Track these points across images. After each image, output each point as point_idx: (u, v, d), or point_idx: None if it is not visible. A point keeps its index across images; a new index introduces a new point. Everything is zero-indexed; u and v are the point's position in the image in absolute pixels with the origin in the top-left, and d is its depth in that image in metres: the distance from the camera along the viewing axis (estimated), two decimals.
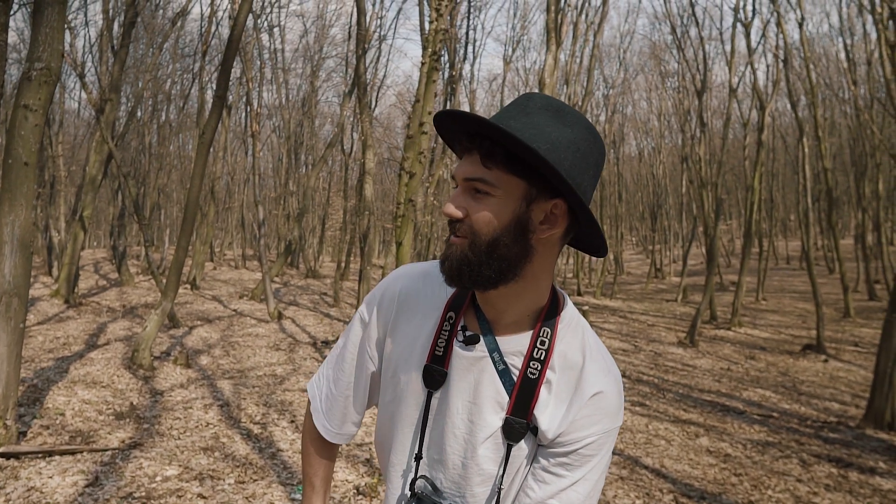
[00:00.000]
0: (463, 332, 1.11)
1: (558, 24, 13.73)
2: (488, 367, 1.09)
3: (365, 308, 1.24)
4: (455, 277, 1.03)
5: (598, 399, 1.06)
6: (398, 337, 1.18)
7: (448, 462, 1.13)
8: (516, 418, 1.07)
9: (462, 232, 1.01)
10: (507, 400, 1.08)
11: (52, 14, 4.94)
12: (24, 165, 4.81)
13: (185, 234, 8.31)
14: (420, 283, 1.20)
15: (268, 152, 37.94)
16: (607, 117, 30.46)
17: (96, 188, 14.12)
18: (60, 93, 22.50)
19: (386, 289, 1.21)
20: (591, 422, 1.06)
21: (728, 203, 42.90)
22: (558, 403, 1.08)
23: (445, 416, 1.12)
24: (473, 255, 1.00)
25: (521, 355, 1.09)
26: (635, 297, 26.05)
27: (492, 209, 1.00)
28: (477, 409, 1.10)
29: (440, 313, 1.15)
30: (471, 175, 1.00)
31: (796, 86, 23.34)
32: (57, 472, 4.26)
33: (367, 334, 1.22)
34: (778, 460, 6.08)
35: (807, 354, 12.91)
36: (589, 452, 1.07)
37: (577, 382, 1.08)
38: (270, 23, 25.79)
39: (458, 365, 1.11)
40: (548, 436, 1.07)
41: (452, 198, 1.02)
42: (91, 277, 20.29)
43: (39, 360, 7.84)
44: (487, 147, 0.99)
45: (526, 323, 1.10)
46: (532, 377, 1.07)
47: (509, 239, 1.01)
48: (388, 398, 1.19)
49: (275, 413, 6.47)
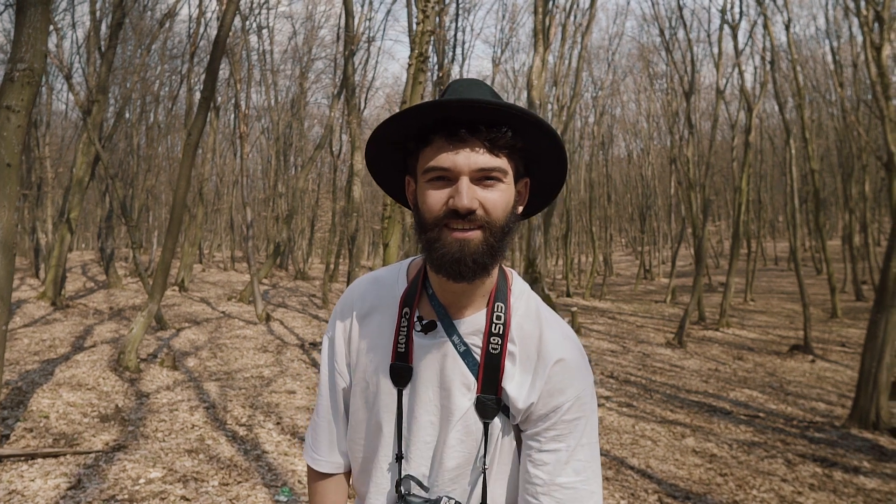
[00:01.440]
0: (420, 322, 1.13)
1: (546, 26, 13.79)
2: (450, 351, 1.10)
3: (328, 330, 1.25)
4: (479, 267, 1.02)
5: (562, 366, 1.08)
6: (361, 346, 1.19)
7: (429, 454, 1.12)
8: (487, 395, 1.08)
9: (477, 223, 1.01)
10: (474, 380, 1.09)
11: (35, 15, 4.90)
12: (7, 167, 4.77)
13: (172, 236, 8.26)
14: (371, 289, 1.21)
15: (257, 154, 37.84)
16: (596, 119, 30.59)
17: (83, 190, 14.03)
18: (48, 94, 22.34)
19: (342, 306, 1.23)
20: (562, 387, 1.08)
21: (717, 204, 43.18)
22: (524, 373, 1.09)
23: (418, 408, 1.12)
24: (496, 241, 1.03)
25: (480, 334, 1.11)
26: (624, 298, 26.15)
27: (502, 196, 1.03)
28: (446, 393, 1.10)
29: (396, 311, 1.16)
30: (485, 165, 1.01)
31: (784, 88, 23.53)
32: (39, 475, 4.22)
33: (334, 354, 1.23)
34: (763, 460, 6.12)
35: (794, 355, 13.01)
36: (572, 416, 1.08)
37: (538, 351, 1.10)
38: (259, 24, 25.73)
39: (421, 355, 1.12)
40: (518, 405, 1.08)
41: (463, 192, 1.00)
42: (78, 279, 20.14)
43: (25, 362, 7.78)
44: (494, 135, 1.01)
45: (480, 302, 1.12)
46: (494, 352, 1.08)
47: (513, 221, 1.07)
48: (360, 408, 1.18)
49: (261, 415, 6.45)
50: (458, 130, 1.00)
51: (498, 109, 0.99)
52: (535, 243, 11.72)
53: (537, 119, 1.02)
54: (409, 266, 1.22)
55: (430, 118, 1.03)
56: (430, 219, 1.03)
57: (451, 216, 1.01)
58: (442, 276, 1.04)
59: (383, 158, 1.16)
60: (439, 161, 1.02)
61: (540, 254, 11.75)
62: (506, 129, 1.01)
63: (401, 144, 1.11)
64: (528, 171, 1.12)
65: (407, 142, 1.09)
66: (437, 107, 1.00)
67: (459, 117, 1.00)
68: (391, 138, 1.10)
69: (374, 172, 1.20)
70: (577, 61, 19.18)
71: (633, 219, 42.42)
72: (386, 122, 1.06)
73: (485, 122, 1.01)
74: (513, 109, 0.99)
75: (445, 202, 1.02)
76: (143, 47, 19.85)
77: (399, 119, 1.05)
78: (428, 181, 1.04)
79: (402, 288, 1.18)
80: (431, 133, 1.04)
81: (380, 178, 1.21)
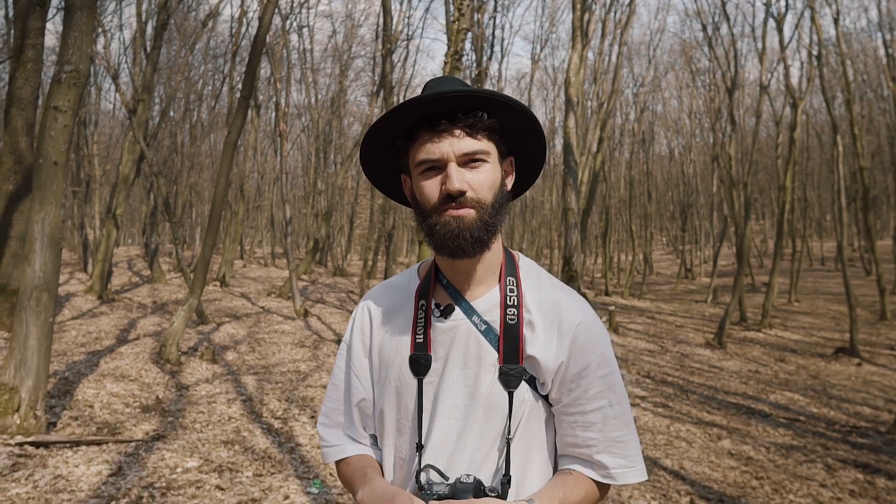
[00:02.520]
0: (438, 308, 1.19)
1: (584, 23, 13.64)
2: (472, 331, 1.16)
3: (346, 336, 1.31)
4: (477, 241, 1.10)
5: (584, 326, 1.16)
6: (382, 345, 1.24)
7: (453, 438, 1.14)
8: (509, 365, 1.13)
9: (468, 203, 1.09)
10: (497, 354, 1.14)
11: (82, 18, 5.09)
12: (54, 165, 4.96)
13: (212, 232, 8.46)
14: (387, 293, 1.29)
15: (297, 151, 38.37)
16: (636, 115, 30.12)
17: (129, 187, 14.45)
18: (96, 94, 23.06)
19: (359, 312, 1.29)
20: (589, 346, 1.15)
21: (761, 202, 42.13)
22: (548, 336, 1.15)
23: (443, 393, 1.16)
24: (489, 217, 1.10)
25: (497, 309, 1.16)
26: (664, 297, 25.74)
27: (488, 175, 1.12)
28: (471, 373, 1.15)
29: (412, 307, 1.21)
30: (468, 149, 1.09)
31: (832, 82, 22.84)
32: (83, 461, 4.39)
33: (352, 358, 1.28)
34: (802, 464, 5.97)
35: (839, 357, 12.63)
36: (604, 372, 1.16)
37: (558, 315, 1.16)
38: (299, 23, 26.09)
39: (442, 339, 1.17)
40: (550, 366, 1.13)
41: (452, 176, 1.08)
42: (124, 274, 20.75)
43: (72, 353, 8.06)
44: (471, 121, 1.09)
45: (491, 280, 1.19)
46: (512, 323, 1.14)
47: (503, 196, 1.15)
48: (385, 405, 1.22)
49: (296, 408, 6.57)
50: (438, 122, 1.08)
51: (469, 95, 1.07)
52: (572, 241, 11.60)
53: (506, 97, 1.10)
54: (420, 267, 1.29)
55: (410, 117, 1.11)
56: (428, 207, 1.12)
57: (446, 200, 1.09)
58: (446, 256, 1.12)
59: (378, 166, 1.25)
60: (427, 153, 1.10)
61: (576, 252, 11.64)
62: (481, 113, 1.10)
63: (391, 146, 1.18)
64: (512, 149, 1.21)
65: (396, 141, 1.17)
66: (414, 104, 1.08)
67: (438, 110, 1.08)
68: (380, 144, 1.19)
69: (373, 180, 1.29)
70: (617, 58, 18.93)
71: (674, 217, 41.69)
72: (371, 130, 1.15)
73: (461, 111, 1.09)
74: (482, 93, 1.08)
75: (439, 189, 1.09)
76: (187, 47, 20.34)
77: (382, 123, 1.13)
78: (420, 173, 1.13)
79: (415, 285, 1.23)
80: (415, 129, 1.12)
81: (380, 184, 1.30)
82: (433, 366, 1.17)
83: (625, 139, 33.07)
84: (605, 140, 20.99)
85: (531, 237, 36.18)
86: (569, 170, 11.59)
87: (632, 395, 8.53)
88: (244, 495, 4.08)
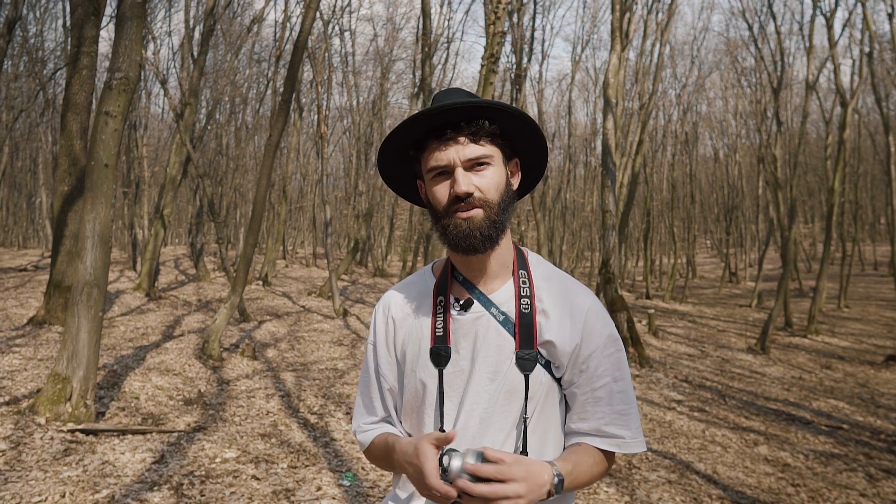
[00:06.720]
0: (458, 303, 1.28)
1: (624, 24, 13.54)
2: (491, 323, 1.25)
3: (370, 336, 1.42)
4: (487, 238, 1.20)
5: (592, 312, 1.27)
6: (405, 341, 1.34)
7: (475, 423, 1.23)
8: (524, 350, 1.22)
9: (476, 203, 1.19)
10: (514, 341, 1.24)
11: (131, 28, 5.32)
12: (105, 167, 5.20)
13: (253, 232, 8.70)
14: (404, 292, 1.39)
15: (339, 153, 38.89)
16: (679, 116, 29.63)
17: (176, 188, 14.91)
18: (146, 98, 23.82)
19: (380, 313, 1.39)
20: (598, 329, 1.26)
21: (810, 205, 40.98)
22: (562, 321, 1.25)
23: (465, 382, 1.25)
24: (496, 215, 1.20)
25: (512, 300, 1.26)
26: (707, 301, 25.27)
27: (493, 177, 1.22)
28: (491, 360, 1.24)
29: (430, 302, 1.31)
30: (472, 155, 1.20)
31: (885, 80, 22.09)
32: (128, 449, 4.60)
33: (378, 357, 1.38)
34: (842, 473, 5.84)
35: (890, 365, 12.24)
36: (610, 351, 1.27)
37: (569, 302, 1.27)
38: (341, 27, 26.47)
39: (462, 331, 1.27)
40: (566, 349, 1.24)
41: (459, 179, 1.18)
42: (171, 272, 21.39)
43: (120, 348, 8.39)
44: (474, 129, 1.19)
45: (505, 274, 1.30)
46: (526, 311, 1.25)
47: (509, 195, 1.25)
48: (411, 397, 1.31)
49: (332, 405, 6.72)
50: (444, 132, 1.19)
51: (470, 106, 1.17)
52: (610, 243, 11.52)
53: (503, 105, 1.20)
54: (434, 266, 1.39)
55: (419, 128, 1.22)
56: (440, 209, 1.22)
57: (456, 202, 1.20)
58: (460, 253, 1.22)
59: (394, 175, 1.37)
60: (436, 160, 1.21)
61: (614, 254, 11.55)
62: (482, 120, 1.19)
63: (405, 155, 1.30)
64: (516, 151, 1.31)
65: (407, 151, 1.28)
66: (421, 116, 1.18)
67: (444, 121, 1.19)
68: (395, 154, 1.31)
69: (393, 187, 1.41)
70: (658, 58, 18.69)
71: (718, 220, 40.82)
72: (385, 142, 1.27)
73: (464, 120, 1.19)
74: (482, 103, 1.18)
75: (449, 192, 1.20)
76: (233, 52, 20.86)
77: (395, 136, 1.24)
78: (432, 178, 1.23)
79: (431, 283, 1.34)
80: (425, 140, 1.23)
81: (399, 190, 1.42)
82: (453, 356, 1.26)
83: (667, 140, 32.55)
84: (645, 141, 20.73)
85: (571, 238, 35.90)
86: (607, 171, 11.52)
87: (667, 398, 8.45)
88: (279, 486, 4.22)
